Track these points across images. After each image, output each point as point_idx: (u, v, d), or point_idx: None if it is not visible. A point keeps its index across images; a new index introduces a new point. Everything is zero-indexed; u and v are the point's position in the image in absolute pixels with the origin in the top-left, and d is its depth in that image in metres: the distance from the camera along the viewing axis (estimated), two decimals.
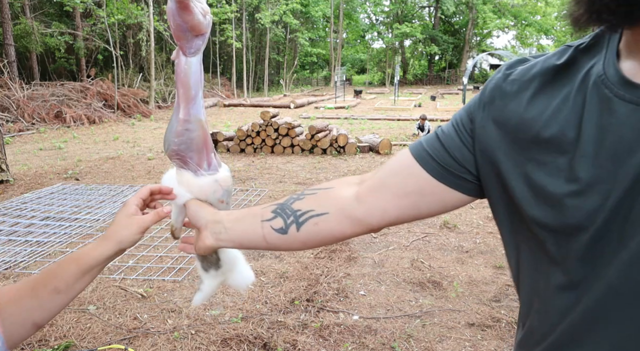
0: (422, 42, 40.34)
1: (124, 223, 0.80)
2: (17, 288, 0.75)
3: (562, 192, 0.52)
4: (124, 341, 2.62)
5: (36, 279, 0.75)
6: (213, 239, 0.79)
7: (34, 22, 18.69)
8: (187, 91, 0.79)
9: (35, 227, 4.50)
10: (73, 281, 0.75)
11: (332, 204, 0.71)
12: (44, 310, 0.74)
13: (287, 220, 0.72)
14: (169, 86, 21.51)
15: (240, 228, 0.76)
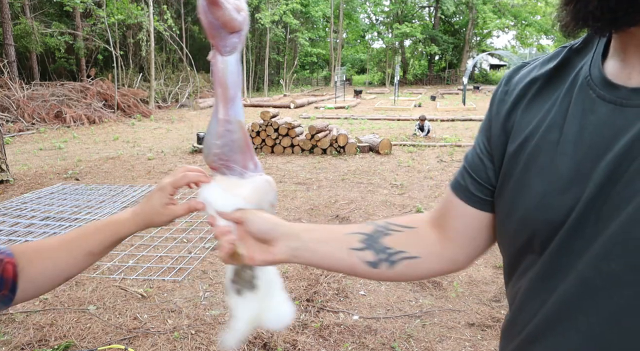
0: (422, 42, 40.34)
1: (158, 211, 0.83)
2: (50, 245, 0.80)
3: (545, 190, 0.54)
4: (124, 341, 2.62)
5: (70, 239, 0.81)
6: (288, 254, 0.74)
7: (34, 22, 18.70)
8: (225, 91, 0.76)
9: (35, 227, 4.50)
10: (105, 247, 0.82)
11: (422, 248, 0.73)
12: (75, 267, 0.80)
13: (378, 256, 0.72)
14: (169, 86, 21.51)
15: (324, 251, 0.74)
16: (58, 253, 0.79)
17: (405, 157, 8.04)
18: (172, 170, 7.13)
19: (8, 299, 0.73)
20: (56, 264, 0.78)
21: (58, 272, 0.78)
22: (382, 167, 7.29)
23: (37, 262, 0.77)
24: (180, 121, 14.83)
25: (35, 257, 0.77)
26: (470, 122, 13.69)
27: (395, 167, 7.29)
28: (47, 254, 0.78)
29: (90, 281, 3.35)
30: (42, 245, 0.80)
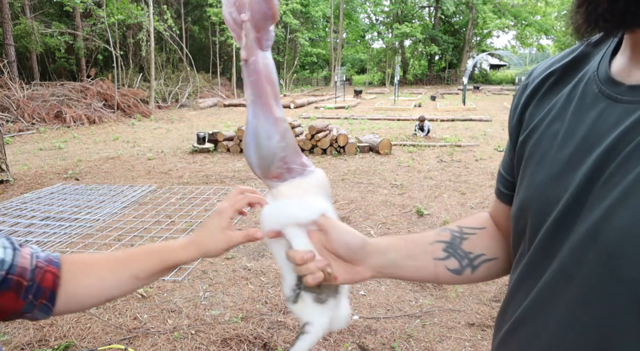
0: (422, 42, 40.33)
1: (215, 237, 0.78)
2: (98, 262, 0.78)
3: (540, 180, 0.57)
4: (124, 341, 2.62)
5: (119, 259, 0.79)
6: (374, 272, 0.73)
7: (34, 22, 18.70)
8: (274, 88, 0.70)
9: (35, 227, 4.50)
10: (152, 273, 0.78)
11: (498, 249, 0.76)
12: (121, 290, 0.78)
13: (462, 262, 0.75)
14: (169, 86, 21.51)
15: (413, 266, 0.74)
16: (104, 271, 0.77)
17: (405, 157, 8.04)
18: (172, 170, 7.13)
19: (46, 308, 0.72)
20: (101, 282, 0.76)
21: (102, 290, 0.76)
22: (382, 167, 7.29)
23: (83, 276, 0.75)
24: (180, 121, 14.83)
25: (82, 271, 0.76)
26: (470, 122, 13.68)
27: (395, 167, 7.29)
28: (94, 270, 0.77)
29: None
30: (91, 260, 0.78)
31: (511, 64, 44.11)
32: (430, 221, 4.66)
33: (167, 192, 5.81)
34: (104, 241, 4.13)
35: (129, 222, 4.65)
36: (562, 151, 0.55)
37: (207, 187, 6.04)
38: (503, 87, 34.76)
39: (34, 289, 0.70)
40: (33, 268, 0.71)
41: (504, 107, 18.72)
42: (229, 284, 3.33)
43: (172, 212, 4.98)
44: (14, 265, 0.68)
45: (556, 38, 39.48)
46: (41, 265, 0.72)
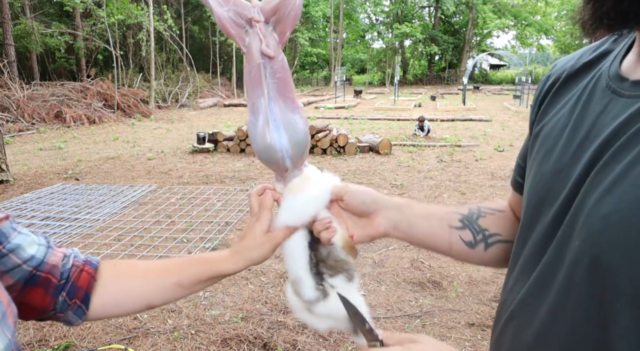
0: (422, 42, 40.33)
1: (259, 242, 0.76)
2: (143, 267, 0.78)
3: (544, 173, 0.59)
4: (124, 341, 2.62)
5: (165, 266, 0.78)
6: (390, 227, 0.73)
7: (34, 22, 18.70)
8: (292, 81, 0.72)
9: (35, 227, 4.50)
10: (197, 282, 0.77)
11: (512, 232, 0.73)
12: (163, 296, 0.76)
13: (477, 236, 0.74)
14: (169, 86, 21.51)
15: (426, 227, 0.74)
16: (148, 276, 0.76)
17: (405, 157, 8.04)
18: (172, 170, 7.13)
19: (80, 311, 0.70)
20: (144, 286, 0.75)
21: (144, 295, 0.75)
22: (382, 167, 7.29)
23: (125, 280, 0.74)
24: (180, 121, 14.83)
25: (125, 275, 0.75)
26: (470, 122, 13.68)
27: (395, 167, 7.29)
28: (138, 274, 0.76)
29: None
30: (135, 264, 0.78)
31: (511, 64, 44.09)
32: None
33: (167, 192, 5.81)
34: (104, 241, 4.13)
35: (129, 222, 4.65)
36: (568, 144, 0.56)
37: (207, 187, 6.04)
38: (503, 87, 34.77)
39: (68, 287, 0.70)
40: (69, 267, 0.72)
41: (504, 107, 18.72)
42: (229, 284, 3.33)
43: (172, 212, 4.98)
44: (44, 262, 0.68)
45: (556, 38, 39.49)
46: (78, 264, 0.73)
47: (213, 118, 15.54)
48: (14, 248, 0.66)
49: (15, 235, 0.66)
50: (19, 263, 0.65)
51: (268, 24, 0.68)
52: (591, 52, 0.64)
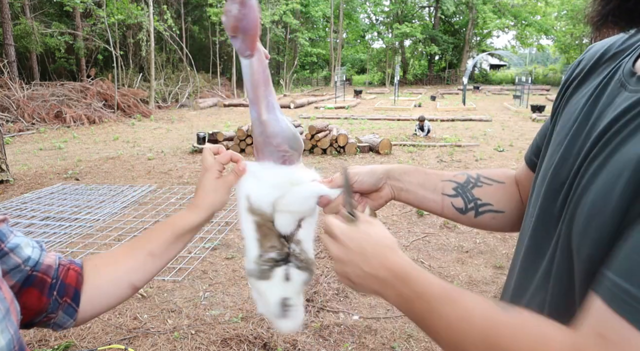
0: (422, 42, 40.32)
1: (211, 187, 0.81)
2: (114, 252, 0.79)
3: (552, 160, 0.61)
4: (124, 341, 2.62)
5: (133, 243, 0.79)
6: (393, 194, 0.84)
7: (34, 22, 18.69)
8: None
9: (35, 227, 4.50)
10: (167, 246, 0.79)
11: (507, 204, 0.80)
12: (141, 271, 0.77)
13: (468, 205, 0.81)
14: (169, 86, 21.51)
15: (422, 194, 0.83)
16: (122, 258, 0.77)
17: (405, 157, 8.04)
18: (172, 170, 7.13)
19: (71, 310, 0.70)
20: (121, 270, 0.76)
21: (123, 278, 0.75)
22: None
23: (103, 269, 0.75)
24: (180, 121, 14.83)
25: (101, 264, 0.76)
26: (470, 122, 13.68)
27: None
28: (111, 260, 0.77)
29: None
30: (108, 253, 0.79)
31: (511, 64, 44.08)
32: (430, 221, 4.66)
33: (167, 192, 5.81)
34: (104, 241, 4.13)
35: (129, 222, 4.65)
36: (576, 135, 0.58)
37: None
38: (503, 87, 34.75)
39: (58, 285, 0.70)
40: (57, 266, 0.72)
41: (504, 107, 18.72)
42: (229, 284, 3.33)
43: (172, 212, 4.98)
44: (39, 263, 0.69)
45: (556, 38, 39.46)
46: (64, 263, 0.73)
47: (213, 118, 15.54)
48: (14, 247, 0.66)
49: (12, 236, 0.67)
50: (18, 263, 0.66)
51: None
52: (622, 42, 0.63)
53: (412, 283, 0.56)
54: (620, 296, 0.41)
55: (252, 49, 0.73)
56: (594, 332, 0.42)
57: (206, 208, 0.80)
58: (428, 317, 0.54)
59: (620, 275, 0.41)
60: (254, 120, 0.78)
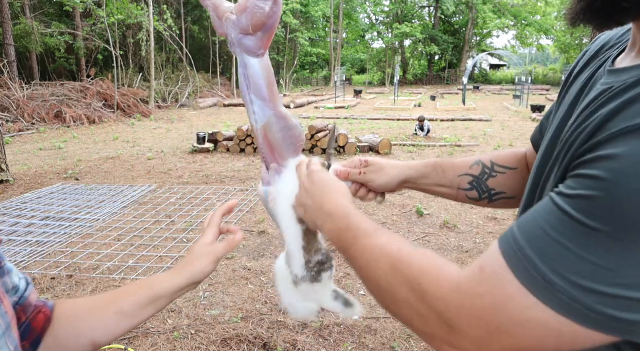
0: (422, 42, 40.33)
1: (198, 253, 0.78)
2: (84, 302, 0.74)
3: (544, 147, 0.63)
4: (124, 341, 2.62)
5: (106, 297, 0.75)
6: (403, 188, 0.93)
7: (34, 22, 18.69)
8: None
9: (35, 227, 4.50)
10: (140, 307, 0.74)
11: (519, 190, 0.84)
12: (106, 330, 0.72)
13: (482, 195, 0.88)
14: (169, 86, 21.51)
15: (438, 190, 0.92)
16: (91, 312, 0.72)
17: (405, 157, 8.04)
18: (172, 170, 7.13)
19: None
20: (86, 324, 0.71)
21: (86, 334, 0.71)
22: None
23: (69, 320, 0.71)
24: (180, 121, 14.83)
25: (69, 313, 0.71)
26: (470, 122, 13.68)
27: None
28: (80, 312, 0.72)
29: (90, 281, 3.35)
30: (81, 302, 0.74)
31: (511, 64, 44.09)
32: (430, 221, 4.66)
33: (167, 192, 5.81)
34: (104, 241, 4.13)
35: (129, 222, 4.65)
36: (562, 123, 0.60)
37: (207, 187, 6.04)
38: (503, 87, 34.75)
39: (25, 327, 0.66)
40: (33, 306, 0.69)
41: (504, 107, 18.72)
42: (229, 284, 3.33)
43: (172, 212, 4.98)
44: (25, 297, 0.66)
45: (556, 38, 39.47)
46: (39, 305, 0.69)
47: (213, 118, 15.54)
48: (11, 270, 0.64)
49: (6, 261, 0.65)
50: (9, 288, 0.63)
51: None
52: (622, 34, 0.64)
53: (348, 219, 0.64)
54: (510, 242, 0.46)
55: (266, 48, 0.72)
56: (478, 265, 0.48)
57: (187, 276, 0.77)
58: (352, 246, 0.62)
59: (518, 227, 0.47)
60: (271, 118, 0.75)
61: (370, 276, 0.60)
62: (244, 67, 0.74)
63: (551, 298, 0.42)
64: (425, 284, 0.51)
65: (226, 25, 0.73)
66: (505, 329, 0.45)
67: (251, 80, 0.73)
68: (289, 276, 0.78)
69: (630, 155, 0.40)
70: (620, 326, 0.40)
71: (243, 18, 0.68)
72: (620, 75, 0.51)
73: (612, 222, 0.39)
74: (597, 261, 0.40)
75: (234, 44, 0.73)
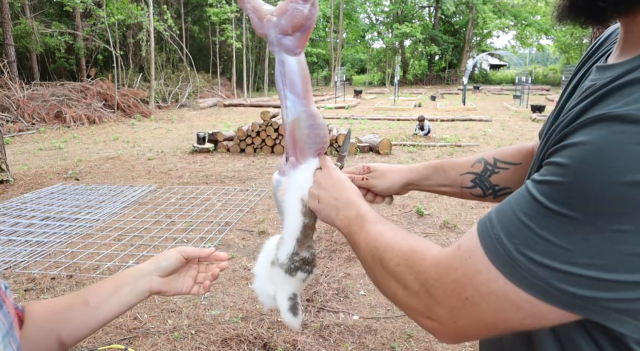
0: (422, 42, 40.32)
1: (167, 251, 0.84)
2: (52, 302, 0.74)
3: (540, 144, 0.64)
4: (124, 341, 2.62)
5: (72, 295, 0.75)
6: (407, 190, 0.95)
7: (34, 22, 18.68)
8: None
9: (35, 227, 4.50)
10: (105, 296, 0.74)
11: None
12: (71, 325, 0.71)
13: (486, 192, 0.89)
14: (169, 86, 21.51)
15: (441, 190, 0.93)
16: (58, 309, 0.72)
17: (405, 157, 8.04)
18: (172, 170, 7.13)
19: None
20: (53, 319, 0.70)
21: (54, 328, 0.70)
22: None
23: (36, 318, 0.70)
24: (180, 121, 14.83)
25: (38, 313, 0.71)
26: (470, 122, 13.68)
27: None
28: (48, 309, 0.72)
29: (90, 281, 3.35)
30: (49, 301, 0.73)
31: (511, 64, 44.09)
32: (430, 221, 4.66)
33: (167, 192, 5.81)
34: (104, 241, 4.13)
35: (129, 222, 4.65)
36: (551, 117, 0.62)
37: (207, 187, 6.04)
38: (503, 87, 34.74)
39: None
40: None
41: (504, 107, 18.71)
42: (229, 284, 3.33)
43: (172, 212, 4.98)
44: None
45: (556, 38, 39.46)
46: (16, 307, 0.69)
47: (213, 118, 15.54)
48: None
49: None
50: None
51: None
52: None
53: (359, 209, 0.70)
54: (486, 223, 0.50)
55: (303, 46, 0.76)
56: (457, 243, 0.53)
57: (150, 261, 0.82)
58: (358, 230, 0.67)
59: (496, 210, 0.50)
60: (302, 113, 0.79)
61: (367, 254, 0.64)
62: (281, 65, 0.78)
63: (513, 273, 0.46)
64: (412, 259, 0.57)
65: (267, 26, 0.77)
66: (472, 300, 0.49)
67: (287, 77, 0.78)
68: (271, 256, 0.84)
69: (592, 143, 0.42)
70: (575, 302, 0.43)
71: (283, 19, 0.73)
72: (604, 72, 0.52)
73: (572, 206, 0.42)
74: (557, 241, 0.43)
75: (272, 43, 0.78)
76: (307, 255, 0.81)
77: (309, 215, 0.80)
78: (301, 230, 0.80)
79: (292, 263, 0.80)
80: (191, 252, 0.88)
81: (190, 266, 0.91)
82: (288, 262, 0.80)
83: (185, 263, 0.88)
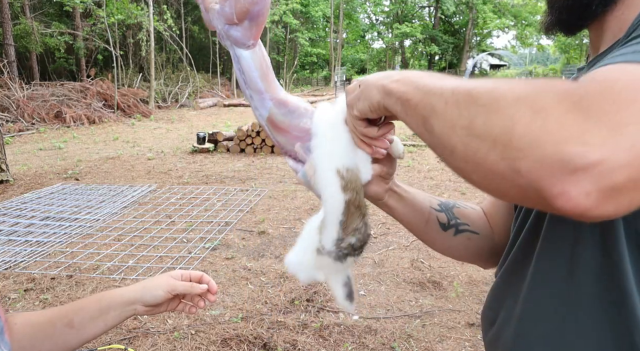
0: (422, 42, 40.32)
1: (158, 280, 0.80)
2: (36, 316, 0.73)
3: None
4: (124, 341, 2.62)
5: (57, 311, 0.74)
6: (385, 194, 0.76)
7: (34, 22, 18.69)
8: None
9: (35, 227, 4.50)
10: (89, 320, 0.72)
11: (481, 228, 0.83)
12: (52, 342, 0.70)
13: (450, 221, 0.82)
14: (169, 86, 21.50)
15: (411, 205, 0.79)
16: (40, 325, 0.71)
17: (406, 157, 8.03)
18: (172, 170, 7.13)
19: None
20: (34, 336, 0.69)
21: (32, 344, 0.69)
22: None
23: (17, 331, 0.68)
24: (180, 121, 14.83)
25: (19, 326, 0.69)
26: None
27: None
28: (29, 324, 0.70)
29: (90, 281, 3.35)
30: (33, 315, 0.73)
31: (511, 64, 44.12)
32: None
33: (167, 192, 5.81)
34: (104, 241, 4.13)
35: (129, 222, 4.65)
36: None
37: (207, 187, 6.04)
38: None
39: None
40: None
41: None
42: (229, 284, 3.33)
43: (172, 212, 4.98)
44: None
45: (556, 38, 39.43)
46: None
47: (213, 118, 15.53)
48: None
49: None
50: None
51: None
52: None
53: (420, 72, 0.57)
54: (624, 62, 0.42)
55: (256, 38, 0.67)
56: (590, 76, 0.40)
57: (138, 292, 0.78)
58: (434, 81, 0.53)
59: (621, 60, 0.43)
60: (272, 108, 0.71)
61: (456, 94, 0.47)
62: (237, 61, 0.69)
63: None
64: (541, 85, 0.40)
65: (212, 17, 0.68)
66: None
67: (246, 75, 0.69)
68: (316, 243, 0.71)
69: None
70: None
71: (227, 6, 0.64)
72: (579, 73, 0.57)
73: None
74: None
75: (222, 37, 0.68)
76: (354, 241, 0.69)
77: (350, 189, 0.67)
78: (343, 210, 0.68)
79: (340, 250, 0.70)
80: (182, 289, 0.82)
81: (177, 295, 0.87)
82: (335, 250, 0.69)
83: (172, 297, 0.84)
